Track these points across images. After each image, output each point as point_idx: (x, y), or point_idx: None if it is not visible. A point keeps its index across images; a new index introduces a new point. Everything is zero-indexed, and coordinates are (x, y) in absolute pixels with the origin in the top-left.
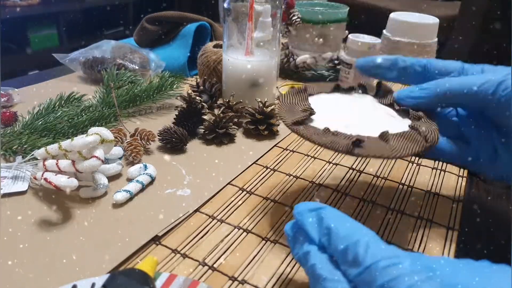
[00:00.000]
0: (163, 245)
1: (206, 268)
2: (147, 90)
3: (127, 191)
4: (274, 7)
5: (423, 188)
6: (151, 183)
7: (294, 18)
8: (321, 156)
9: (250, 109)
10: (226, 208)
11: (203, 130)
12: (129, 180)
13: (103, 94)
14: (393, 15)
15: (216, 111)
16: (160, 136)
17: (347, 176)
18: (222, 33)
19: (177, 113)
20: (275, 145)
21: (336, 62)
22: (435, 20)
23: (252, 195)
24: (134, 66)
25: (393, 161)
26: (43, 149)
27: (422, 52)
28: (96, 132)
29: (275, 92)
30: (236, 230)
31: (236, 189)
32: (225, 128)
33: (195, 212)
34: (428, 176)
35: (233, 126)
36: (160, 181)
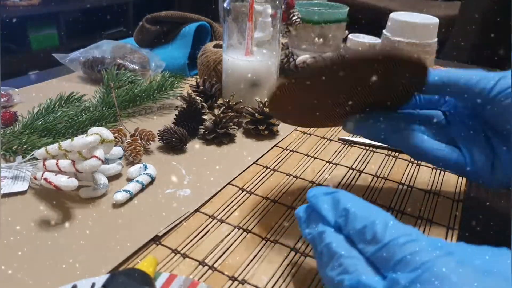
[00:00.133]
0: (163, 245)
1: (206, 268)
2: (147, 90)
3: (127, 191)
4: (274, 7)
5: (423, 188)
6: (151, 183)
7: (294, 18)
8: (321, 156)
9: (250, 109)
10: (226, 208)
11: (203, 130)
12: (129, 180)
13: (103, 94)
14: (393, 15)
15: (216, 111)
16: (160, 136)
17: (347, 176)
18: (222, 33)
19: (177, 113)
20: (275, 145)
21: None
22: (435, 20)
23: (252, 195)
24: (134, 66)
25: (393, 160)
26: (43, 149)
27: (422, 52)
28: (96, 132)
29: None
30: (236, 230)
31: (236, 189)
32: (225, 128)
33: (195, 212)
34: (428, 176)
35: (233, 126)
36: (160, 181)
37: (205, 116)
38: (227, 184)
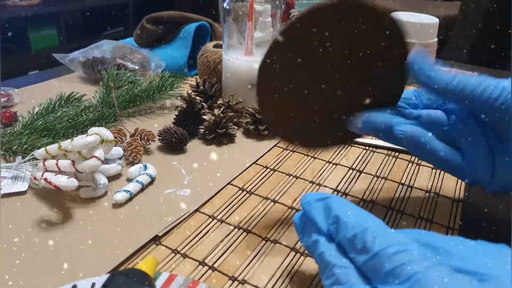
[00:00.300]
0: (163, 245)
1: (206, 268)
2: (147, 90)
3: (127, 191)
4: (274, 7)
5: (423, 188)
6: (151, 183)
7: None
8: (321, 156)
9: (250, 109)
10: (226, 208)
11: (203, 130)
12: (129, 180)
13: (103, 94)
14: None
15: (216, 111)
16: (160, 136)
17: (347, 176)
18: (222, 33)
19: (177, 113)
20: (275, 145)
21: None
22: (435, 20)
23: (252, 195)
24: (134, 66)
25: (393, 160)
26: (43, 149)
27: None
28: (96, 132)
29: None
30: (236, 230)
31: (236, 189)
32: (225, 128)
33: (195, 212)
34: (428, 176)
35: (233, 126)
36: (160, 181)
37: (205, 116)
38: (227, 184)
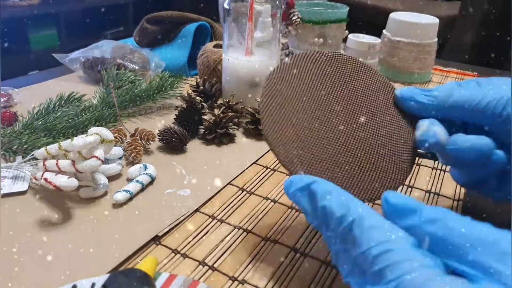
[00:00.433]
0: (163, 245)
1: (206, 268)
2: (147, 90)
3: (127, 191)
4: (274, 7)
5: (423, 188)
6: (151, 183)
7: (294, 18)
8: None
9: (250, 109)
10: (226, 208)
11: (203, 130)
12: (129, 180)
13: (103, 94)
14: (393, 15)
15: (216, 111)
16: (160, 136)
17: None
18: (222, 33)
19: (177, 113)
20: None
21: None
22: (435, 20)
23: (252, 195)
24: (134, 66)
25: None
26: (43, 149)
27: (422, 52)
28: (96, 132)
29: None
30: (236, 230)
31: (236, 189)
32: (225, 128)
33: (195, 212)
34: (428, 176)
35: (233, 126)
36: (160, 181)
37: (205, 116)
38: (227, 184)
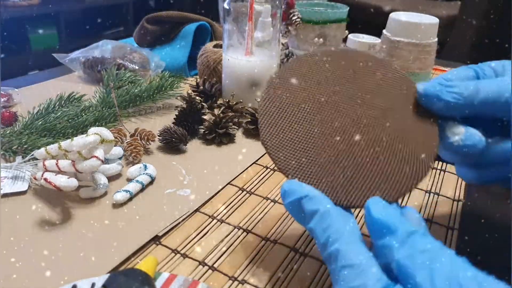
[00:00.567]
0: (163, 245)
1: (206, 268)
2: (147, 90)
3: (127, 191)
4: (274, 7)
5: (423, 188)
6: (151, 183)
7: (294, 18)
8: None
9: (250, 109)
10: (226, 208)
11: (203, 130)
12: (129, 180)
13: (103, 94)
14: (393, 15)
15: (216, 111)
16: (160, 137)
17: None
18: (222, 33)
19: (177, 113)
20: None
21: None
22: (435, 20)
23: (252, 195)
24: (134, 66)
25: None
26: (43, 149)
27: (422, 52)
28: (96, 132)
29: None
30: (236, 230)
31: (236, 189)
32: (225, 128)
33: (195, 212)
34: (428, 176)
35: (233, 126)
36: (160, 181)
37: (205, 116)
38: (227, 184)
